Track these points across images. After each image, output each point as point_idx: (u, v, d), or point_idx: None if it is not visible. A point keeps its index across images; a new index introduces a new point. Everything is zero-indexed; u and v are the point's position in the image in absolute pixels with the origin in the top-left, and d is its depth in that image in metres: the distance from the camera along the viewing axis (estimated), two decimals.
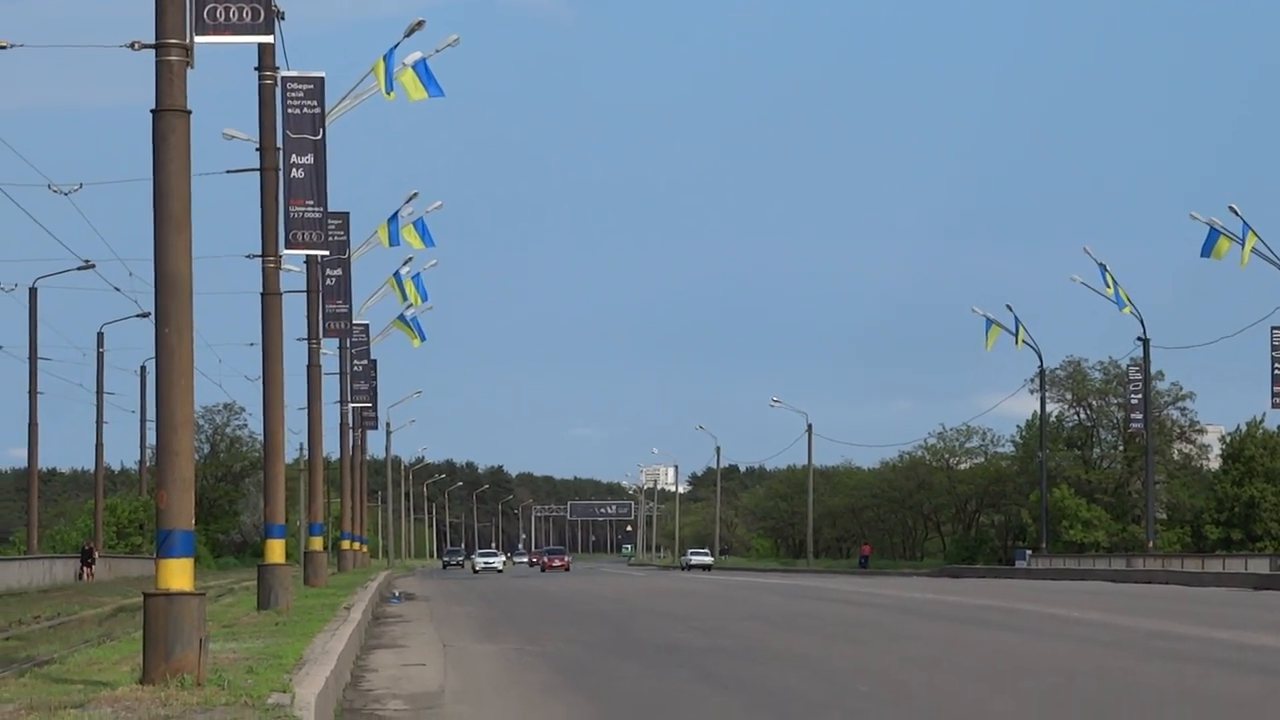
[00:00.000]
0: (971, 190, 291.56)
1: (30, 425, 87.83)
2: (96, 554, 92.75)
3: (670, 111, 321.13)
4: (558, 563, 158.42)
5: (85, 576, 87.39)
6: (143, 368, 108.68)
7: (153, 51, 21.36)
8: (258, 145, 43.95)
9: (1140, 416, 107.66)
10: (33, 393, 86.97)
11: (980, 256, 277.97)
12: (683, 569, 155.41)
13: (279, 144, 44.10)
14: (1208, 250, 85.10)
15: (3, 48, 40.10)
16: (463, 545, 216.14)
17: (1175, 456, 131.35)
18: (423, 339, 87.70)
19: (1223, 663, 29.55)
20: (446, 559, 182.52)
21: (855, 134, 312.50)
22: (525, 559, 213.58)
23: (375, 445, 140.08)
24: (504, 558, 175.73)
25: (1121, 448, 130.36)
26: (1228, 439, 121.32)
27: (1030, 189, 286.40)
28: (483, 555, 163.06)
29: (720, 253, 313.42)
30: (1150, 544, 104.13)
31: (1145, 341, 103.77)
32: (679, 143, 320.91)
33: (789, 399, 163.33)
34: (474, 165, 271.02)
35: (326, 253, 54.69)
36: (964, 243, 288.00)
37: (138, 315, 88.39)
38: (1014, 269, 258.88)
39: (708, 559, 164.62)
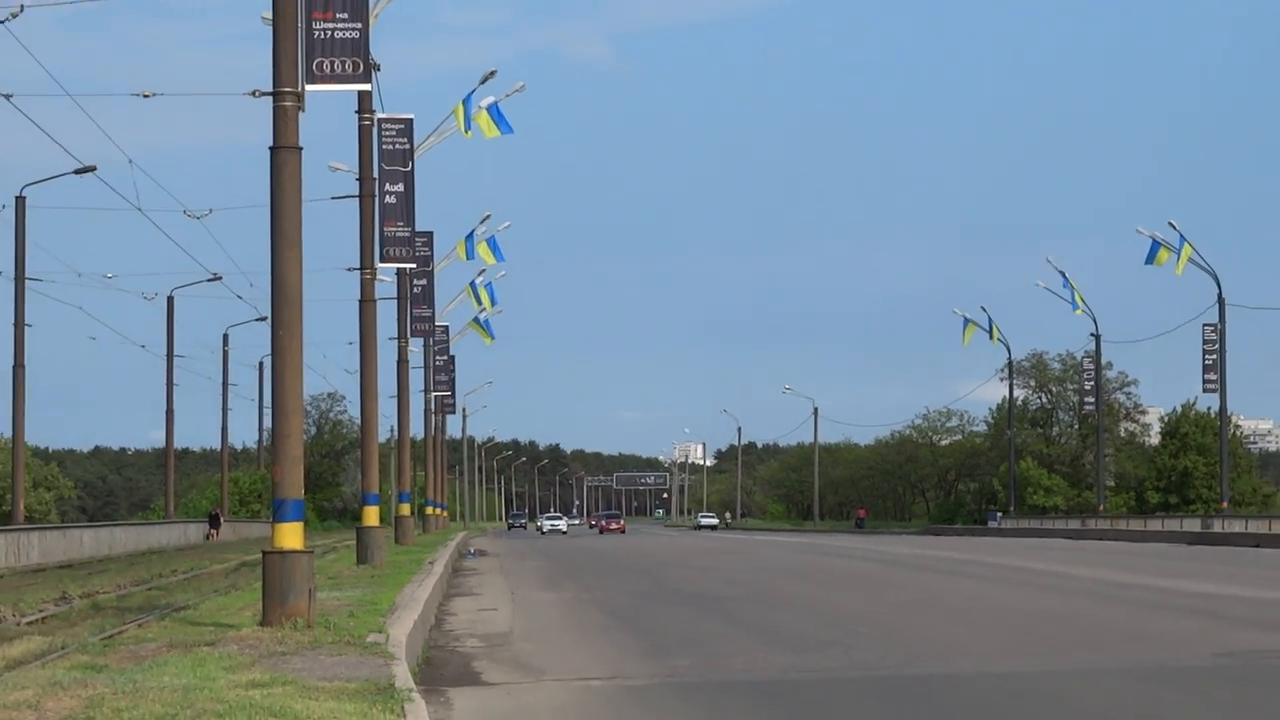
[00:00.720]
0: (955, 207, 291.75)
1: (167, 412, 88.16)
2: (222, 519, 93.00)
3: (701, 139, 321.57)
4: (614, 525, 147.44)
5: (212, 537, 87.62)
6: (260, 363, 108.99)
7: (270, 98, 21.36)
8: (357, 176, 43.92)
9: (1092, 400, 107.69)
10: (169, 384, 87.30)
11: (961, 264, 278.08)
12: (694, 528, 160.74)
13: (375, 174, 44.07)
14: (1150, 259, 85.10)
15: (147, 96, 40.24)
16: (525, 510, 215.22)
17: (1122, 434, 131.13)
18: (493, 338, 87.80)
19: (1164, 606, 29.46)
20: (511, 522, 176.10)
21: (859, 159, 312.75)
22: (578, 522, 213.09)
23: (454, 427, 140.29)
24: (567, 521, 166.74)
25: (1076, 426, 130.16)
26: (1166, 419, 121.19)
27: (1003, 207, 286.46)
28: (549, 519, 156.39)
29: (742, 261, 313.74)
30: (1101, 507, 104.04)
31: (1097, 337, 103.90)
32: (705, 165, 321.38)
33: (798, 386, 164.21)
34: (537, 189, 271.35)
35: (414, 266, 54.74)
36: (947, 252, 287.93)
37: (256, 319, 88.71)
38: (988, 275, 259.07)
39: (714, 520, 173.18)
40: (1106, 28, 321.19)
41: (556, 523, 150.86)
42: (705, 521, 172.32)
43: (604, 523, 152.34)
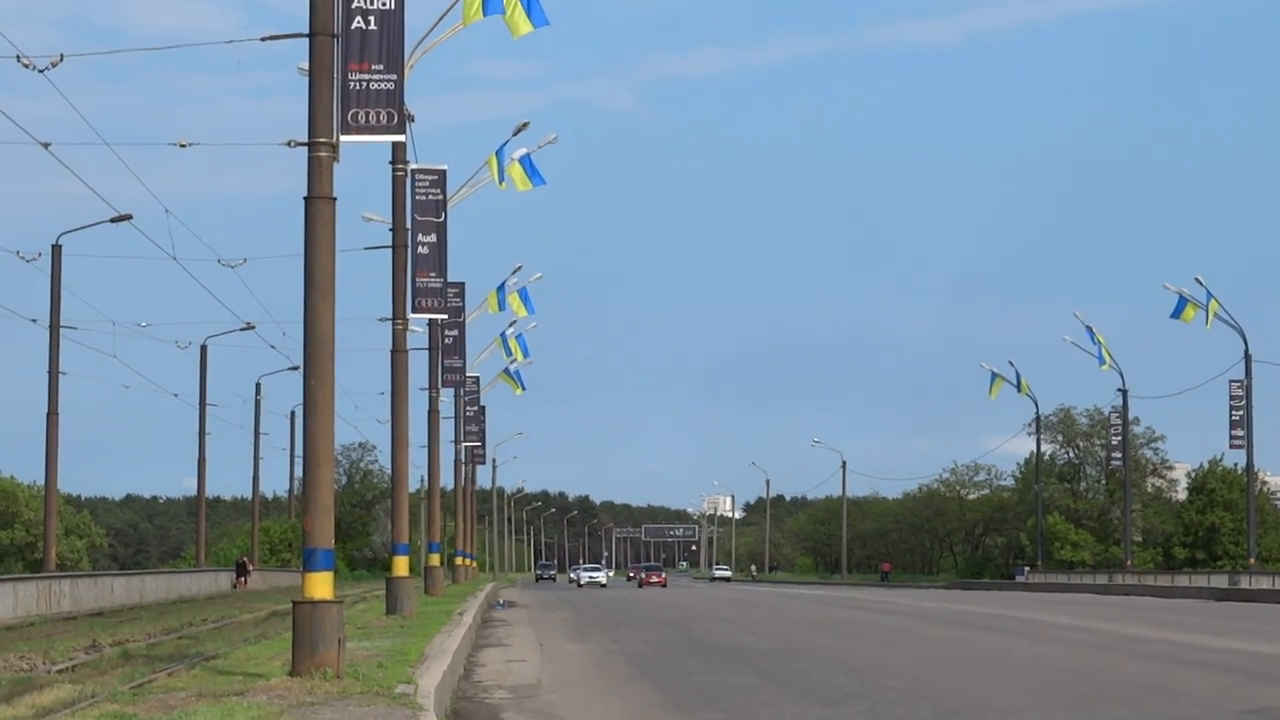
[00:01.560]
0: (981, 261, 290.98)
1: (199, 460, 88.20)
2: (251, 567, 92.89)
3: (727, 192, 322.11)
4: (655, 579, 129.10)
5: (239, 586, 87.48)
6: (292, 413, 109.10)
7: (306, 149, 21.43)
8: (390, 226, 43.96)
9: (1120, 455, 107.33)
10: (201, 433, 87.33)
11: (988, 318, 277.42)
12: (709, 580, 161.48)
13: (408, 225, 44.07)
14: (1177, 314, 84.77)
15: (183, 145, 40.40)
16: (555, 561, 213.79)
17: (1149, 489, 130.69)
18: (523, 388, 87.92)
19: (1190, 662, 29.30)
20: (539, 573, 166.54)
21: (884, 212, 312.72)
22: (612, 573, 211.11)
23: (484, 477, 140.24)
24: (606, 572, 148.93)
25: (1104, 481, 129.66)
26: (1193, 474, 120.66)
27: (1031, 261, 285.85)
28: (587, 570, 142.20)
29: (769, 313, 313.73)
30: (1128, 562, 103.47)
31: (1124, 392, 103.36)
32: (734, 218, 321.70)
33: (827, 439, 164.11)
34: (567, 239, 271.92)
35: (445, 316, 54.68)
36: (974, 306, 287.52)
37: (289, 368, 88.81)
38: (1016, 329, 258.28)
39: (728, 572, 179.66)
40: (1136, 84, 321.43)
41: (595, 574, 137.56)
42: (719, 573, 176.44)
43: (644, 575, 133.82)
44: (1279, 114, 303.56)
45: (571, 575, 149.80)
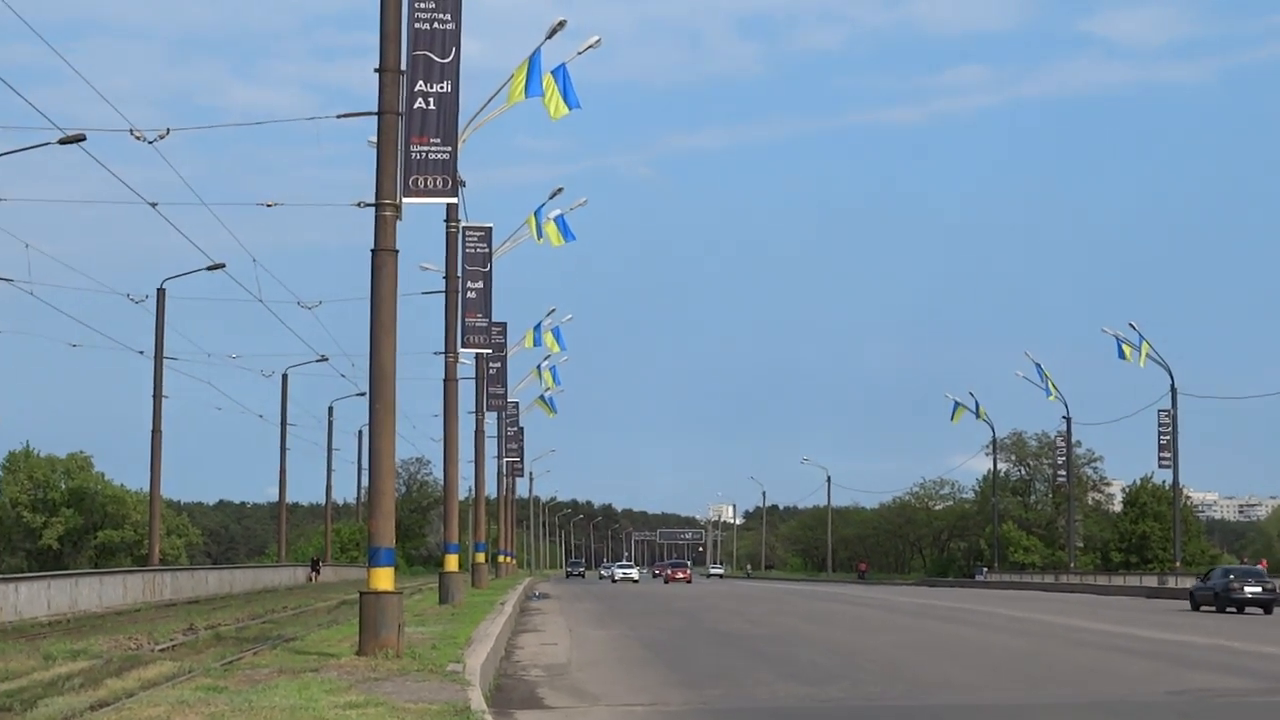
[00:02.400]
0: (948, 302, 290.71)
1: (281, 471, 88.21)
2: (322, 564, 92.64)
3: (727, 244, 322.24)
4: (680, 575, 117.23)
5: (313, 579, 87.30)
6: (360, 431, 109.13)
7: (373, 208, 21.52)
8: (444, 274, 44.06)
9: (1064, 473, 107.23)
10: (283, 448, 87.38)
11: (952, 355, 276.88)
12: (706, 576, 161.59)
13: (459, 273, 44.21)
14: (1121, 354, 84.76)
15: (269, 205, 40.56)
16: (582, 559, 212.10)
17: (1089, 502, 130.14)
18: (555, 412, 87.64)
19: (1124, 650, 29.22)
20: (569, 570, 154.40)
21: (865, 263, 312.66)
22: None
23: (522, 488, 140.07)
24: (639, 570, 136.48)
25: (1051, 495, 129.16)
26: (1127, 490, 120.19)
27: (989, 303, 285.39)
28: (621, 567, 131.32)
29: (769, 348, 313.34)
30: (1072, 564, 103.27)
31: (1068, 419, 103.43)
32: (731, 266, 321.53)
33: (814, 458, 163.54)
34: (593, 285, 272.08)
35: (490, 351, 54.78)
36: (941, 342, 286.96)
37: (356, 394, 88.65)
38: (976, 363, 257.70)
39: (721, 570, 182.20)
40: (1078, 159, 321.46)
41: (629, 570, 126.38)
42: (714, 571, 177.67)
43: (669, 571, 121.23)
44: (1202, 186, 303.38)
45: (603, 572, 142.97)
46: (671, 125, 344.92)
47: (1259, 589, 52.80)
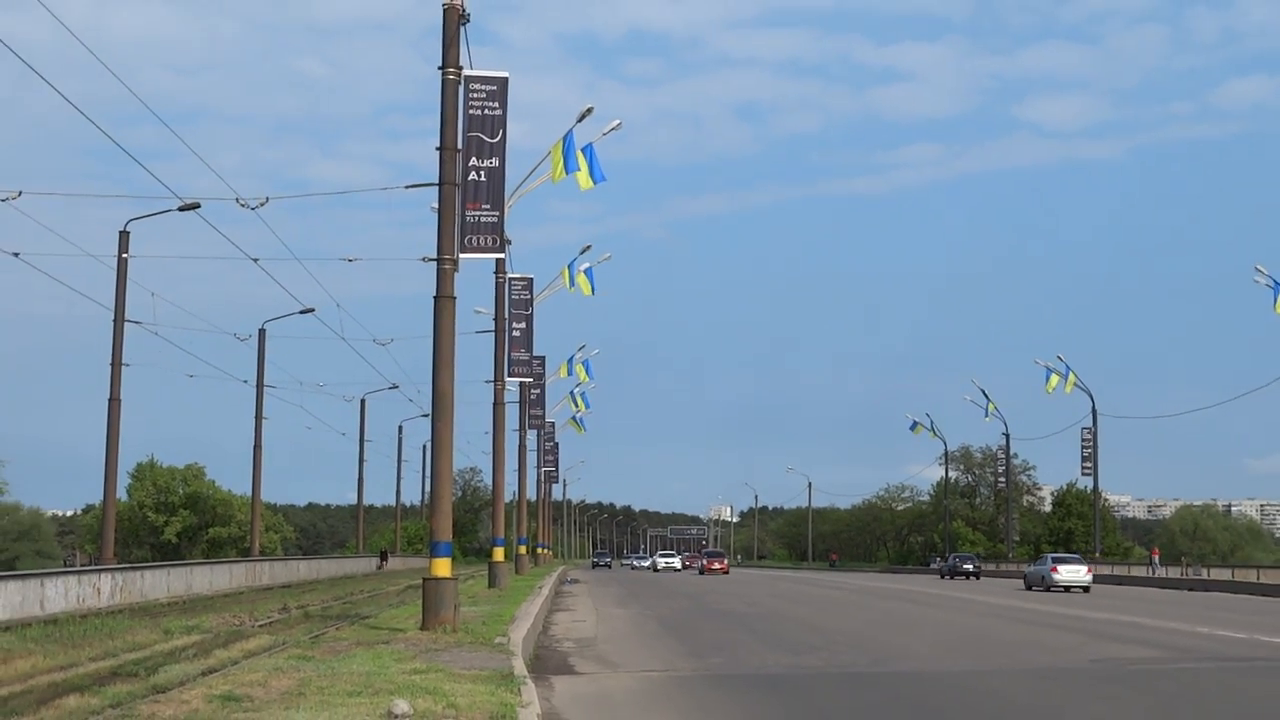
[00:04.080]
0: (912, 340, 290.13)
1: (359, 479, 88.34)
2: (389, 555, 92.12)
3: (727, 291, 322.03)
4: (717, 565, 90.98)
5: (381, 568, 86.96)
6: (424, 446, 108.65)
7: (435, 263, 21.54)
8: (493, 317, 44.13)
9: (1004, 480, 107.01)
10: (360, 460, 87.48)
11: (913, 380, 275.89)
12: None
13: (505, 315, 44.27)
14: (1047, 379, 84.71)
15: (350, 260, 40.73)
16: (607, 551, 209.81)
17: (1024, 503, 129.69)
18: (585, 430, 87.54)
19: (1053, 625, 29.05)
20: (595, 560, 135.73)
21: (840, 306, 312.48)
22: (647, 564, 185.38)
23: (557, 492, 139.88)
24: (680, 558, 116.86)
25: (992, 498, 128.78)
26: (1055, 493, 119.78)
27: (944, 339, 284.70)
28: (663, 556, 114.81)
29: (760, 378, 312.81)
30: (1010, 555, 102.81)
31: (1007, 435, 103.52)
32: (734, 311, 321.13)
33: (798, 466, 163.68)
34: (615, 327, 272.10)
35: (531, 380, 54.82)
36: (903, 371, 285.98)
37: (421, 415, 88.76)
38: (932, 388, 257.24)
39: (676, 561, 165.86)
40: (1012, 222, 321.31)
41: (670, 559, 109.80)
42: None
43: (706, 562, 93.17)
44: (1126, 239, 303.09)
45: (634, 563, 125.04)
46: (679, 193, 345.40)
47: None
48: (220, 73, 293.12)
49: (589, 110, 33.57)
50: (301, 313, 55.31)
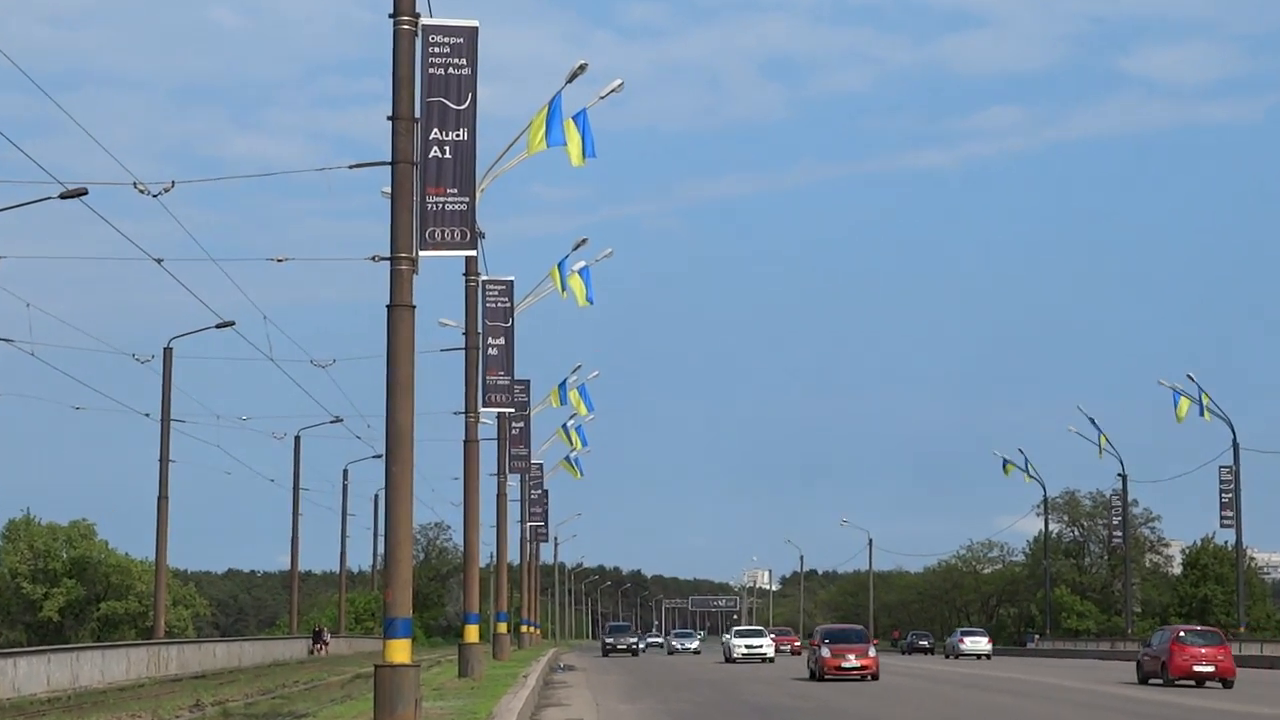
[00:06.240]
0: (996, 355, 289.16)
1: (293, 538, 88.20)
2: (326, 635, 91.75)
3: (757, 297, 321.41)
4: (854, 657, 55.83)
5: (317, 652, 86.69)
6: (375, 495, 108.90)
7: (388, 263, 21.64)
8: (463, 330, 44.18)
9: (1120, 533, 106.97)
10: (295, 514, 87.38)
11: (999, 408, 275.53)
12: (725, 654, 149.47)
13: (479, 329, 44.29)
14: (1175, 404, 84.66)
15: (279, 260, 40.79)
16: (630, 623, 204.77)
17: (1147, 564, 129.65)
18: (582, 474, 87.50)
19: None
20: (608, 639, 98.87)
21: (905, 313, 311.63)
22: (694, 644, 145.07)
23: (546, 553, 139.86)
24: (700, 638, 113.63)
25: (1106, 557, 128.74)
26: (1187, 551, 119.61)
27: (1041, 356, 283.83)
28: (679, 636, 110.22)
29: (803, 406, 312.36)
30: (1129, 630, 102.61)
31: (1124, 477, 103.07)
32: (761, 318, 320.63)
33: (854, 519, 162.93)
34: (620, 341, 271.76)
35: (513, 410, 54.69)
36: (989, 397, 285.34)
37: (373, 456, 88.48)
38: (1025, 418, 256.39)
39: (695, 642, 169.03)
40: (1126, 199, 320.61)
41: (688, 641, 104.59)
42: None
43: (832, 650, 56.68)
44: (1257, 227, 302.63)
45: (675, 644, 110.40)
46: (694, 172, 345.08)
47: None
48: (109, 26, 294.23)
49: (582, 67, 33.73)
50: (218, 327, 55.41)
